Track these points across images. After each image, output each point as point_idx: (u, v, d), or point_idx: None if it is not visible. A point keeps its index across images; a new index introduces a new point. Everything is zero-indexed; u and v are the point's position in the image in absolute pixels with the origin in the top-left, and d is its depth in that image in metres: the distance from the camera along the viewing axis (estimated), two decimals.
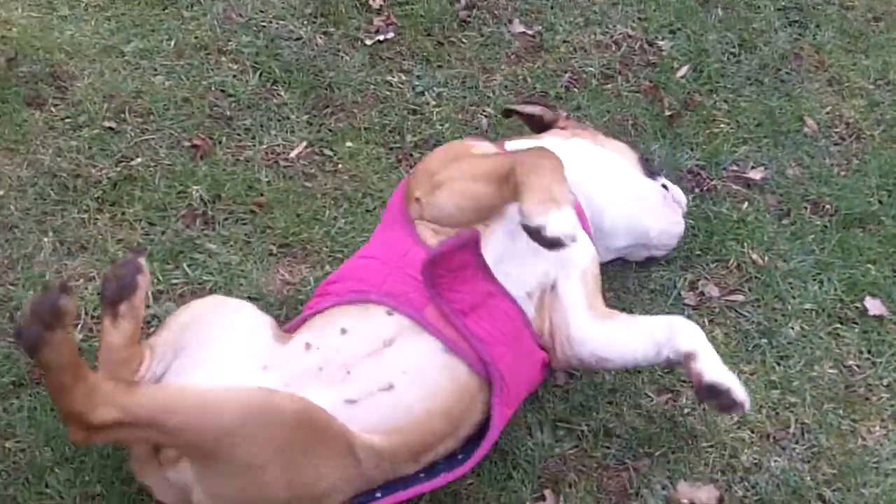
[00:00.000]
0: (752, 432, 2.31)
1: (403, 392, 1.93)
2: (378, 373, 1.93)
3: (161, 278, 2.37)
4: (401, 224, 2.13)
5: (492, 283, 2.03)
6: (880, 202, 2.75)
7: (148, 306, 2.32)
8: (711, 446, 2.28)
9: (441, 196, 2.10)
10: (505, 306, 2.05)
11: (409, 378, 1.93)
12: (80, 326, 2.28)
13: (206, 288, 2.37)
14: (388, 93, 2.87)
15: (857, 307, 2.54)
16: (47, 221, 2.46)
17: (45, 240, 2.42)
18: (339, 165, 2.68)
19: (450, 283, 1.99)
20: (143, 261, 1.97)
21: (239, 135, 2.69)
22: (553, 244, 1.89)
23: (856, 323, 2.52)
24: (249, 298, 2.24)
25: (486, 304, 2.02)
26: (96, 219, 2.48)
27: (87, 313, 2.30)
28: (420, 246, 2.06)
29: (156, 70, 2.80)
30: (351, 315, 2.00)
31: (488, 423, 2.02)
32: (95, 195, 2.51)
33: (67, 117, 2.66)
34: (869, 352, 2.47)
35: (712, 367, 2.05)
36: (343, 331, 1.97)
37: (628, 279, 2.52)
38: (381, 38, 2.96)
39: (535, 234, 1.90)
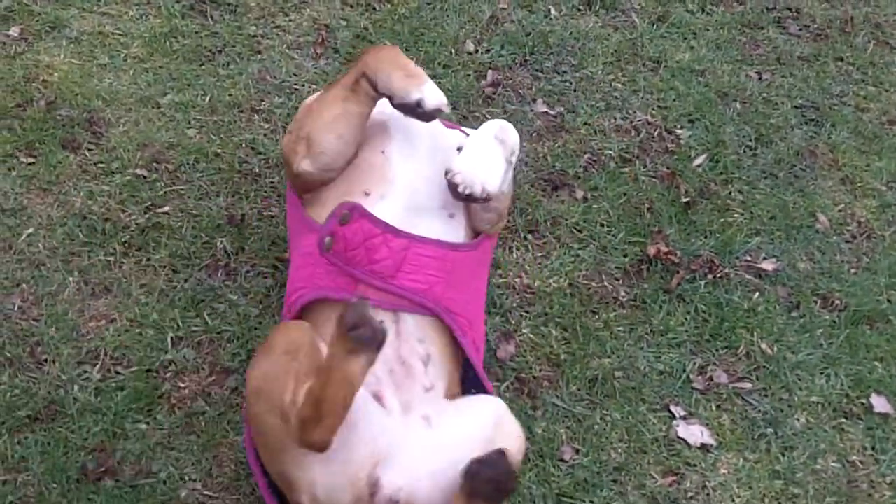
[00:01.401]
0: None
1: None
2: None
3: (181, 325, 2.41)
4: (301, 224, 2.16)
5: (403, 237, 2.04)
6: (889, 301, 2.79)
7: (165, 352, 2.36)
8: None
9: (317, 138, 2.10)
10: (424, 250, 2.05)
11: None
12: (98, 367, 2.31)
13: (224, 338, 2.40)
14: None
15: (862, 403, 2.56)
16: (74, 261, 2.50)
17: (71, 279, 2.46)
18: None
19: (367, 257, 2.01)
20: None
21: (266, 192, 2.74)
22: (431, 115, 2.04)
23: (861, 419, 2.54)
24: None
25: (407, 258, 2.03)
26: (122, 262, 2.52)
27: (105, 354, 2.33)
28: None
29: (189, 123, 2.88)
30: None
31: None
32: (123, 239, 2.56)
33: (101, 162, 2.73)
34: (873, 448, 2.49)
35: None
36: None
37: (638, 359, 2.55)
38: None
39: (413, 109, 2.03)
